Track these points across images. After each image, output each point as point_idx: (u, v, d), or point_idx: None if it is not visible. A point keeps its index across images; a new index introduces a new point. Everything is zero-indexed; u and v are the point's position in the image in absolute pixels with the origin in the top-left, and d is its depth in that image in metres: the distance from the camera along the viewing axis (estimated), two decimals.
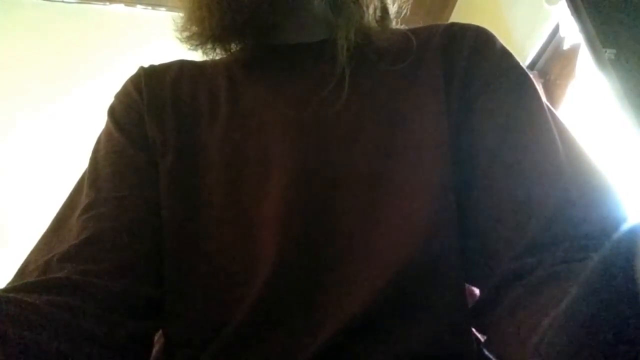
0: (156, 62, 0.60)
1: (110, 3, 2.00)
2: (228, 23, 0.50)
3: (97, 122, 0.58)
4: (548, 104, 0.49)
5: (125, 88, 0.57)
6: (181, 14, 0.55)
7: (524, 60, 1.77)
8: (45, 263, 0.41)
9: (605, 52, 1.21)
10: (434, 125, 0.48)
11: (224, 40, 0.55)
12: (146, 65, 0.59)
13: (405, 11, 0.62)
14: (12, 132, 2.06)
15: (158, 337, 0.48)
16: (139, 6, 2.02)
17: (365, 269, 0.43)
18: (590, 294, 0.18)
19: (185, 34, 0.55)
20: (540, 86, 1.74)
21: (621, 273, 0.17)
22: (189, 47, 0.55)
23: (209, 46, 0.55)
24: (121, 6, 2.01)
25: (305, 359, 0.39)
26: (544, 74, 1.78)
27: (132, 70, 0.58)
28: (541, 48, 1.73)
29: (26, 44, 2.03)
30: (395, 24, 0.61)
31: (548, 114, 0.47)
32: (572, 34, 1.44)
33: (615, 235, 0.18)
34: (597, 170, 0.43)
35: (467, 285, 0.46)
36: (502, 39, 0.53)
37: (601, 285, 0.18)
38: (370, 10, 0.57)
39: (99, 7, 2.01)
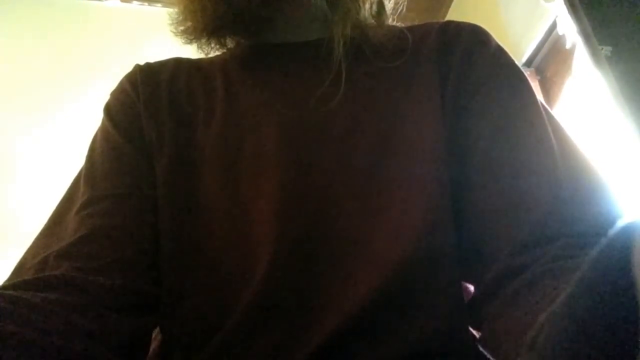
0: (153, 59, 0.60)
1: None
2: (221, 16, 0.50)
3: (93, 120, 0.58)
4: (543, 102, 0.49)
5: (121, 86, 0.56)
6: (176, 7, 0.55)
7: (521, 58, 1.77)
8: (42, 260, 0.42)
9: (602, 49, 1.22)
10: (430, 122, 0.48)
11: (218, 34, 0.55)
12: (142, 63, 0.59)
13: (401, 8, 0.62)
14: (8, 130, 2.05)
15: (156, 334, 0.48)
16: (135, 2, 2.01)
17: (362, 266, 0.43)
18: (587, 289, 0.18)
19: (180, 27, 0.55)
20: (537, 84, 1.75)
21: (617, 269, 0.17)
22: (183, 41, 0.55)
23: (203, 40, 0.55)
24: (117, 2, 2.01)
25: (303, 357, 0.39)
26: (540, 72, 1.78)
27: (129, 67, 0.58)
28: (538, 45, 1.74)
29: (20, 41, 2.02)
30: (391, 21, 0.61)
31: (543, 113, 0.47)
32: (569, 31, 1.44)
33: (612, 232, 0.18)
34: (591, 168, 0.43)
35: (462, 281, 0.47)
36: (499, 37, 0.54)
37: (597, 281, 0.18)
38: (367, 6, 0.57)
39: (95, 3, 2.00)
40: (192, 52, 0.58)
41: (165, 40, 0.59)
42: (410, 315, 0.41)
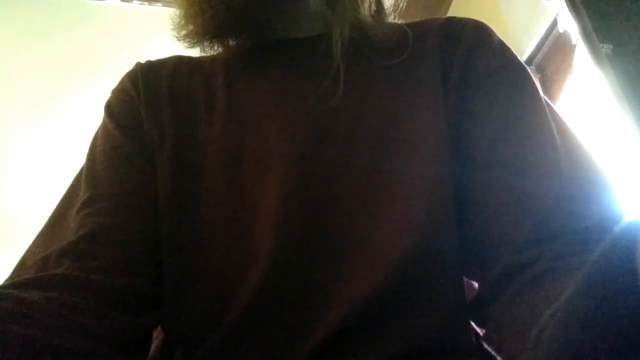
0: (154, 57, 0.60)
1: None
2: (222, 20, 0.50)
3: (94, 119, 0.58)
4: (546, 98, 0.49)
5: (122, 84, 0.56)
6: (177, 11, 0.55)
7: (522, 55, 1.77)
8: (43, 259, 0.41)
9: (602, 47, 1.22)
10: (431, 120, 0.48)
11: (220, 37, 0.55)
12: (143, 61, 0.58)
13: (402, 5, 0.62)
14: (8, 129, 2.05)
15: (157, 332, 0.48)
16: (135, 1, 2.01)
17: (364, 263, 0.43)
18: (591, 287, 0.18)
19: (182, 32, 0.55)
20: (538, 81, 1.74)
21: (621, 267, 0.17)
22: (186, 45, 0.55)
23: (206, 44, 0.55)
24: (117, 1, 2.00)
25: (303, 355, 0.39)
26: (541, 69, 1.78)
27: (129, 66, 0.58)
28: (539, 43, 1.73)
29: (21, 40, 2.01)
30: (392, 19, 0.61)
31: (546, 109, 0.47)
32: (570, 29, 1.44)
33: (616, 230, 0.18)
34: (595, 165, 0.43)
35: (465, 279, 0.47)
36: (500, 34, 0.53)
37: (601, 279, 0.18)
38: (366, 4, 0.57)
39: (95, 2, 2.00)
40: (192, 49, 0.57)
41: (165, 39, 0.59)
42: (411, 312, 0.41)
